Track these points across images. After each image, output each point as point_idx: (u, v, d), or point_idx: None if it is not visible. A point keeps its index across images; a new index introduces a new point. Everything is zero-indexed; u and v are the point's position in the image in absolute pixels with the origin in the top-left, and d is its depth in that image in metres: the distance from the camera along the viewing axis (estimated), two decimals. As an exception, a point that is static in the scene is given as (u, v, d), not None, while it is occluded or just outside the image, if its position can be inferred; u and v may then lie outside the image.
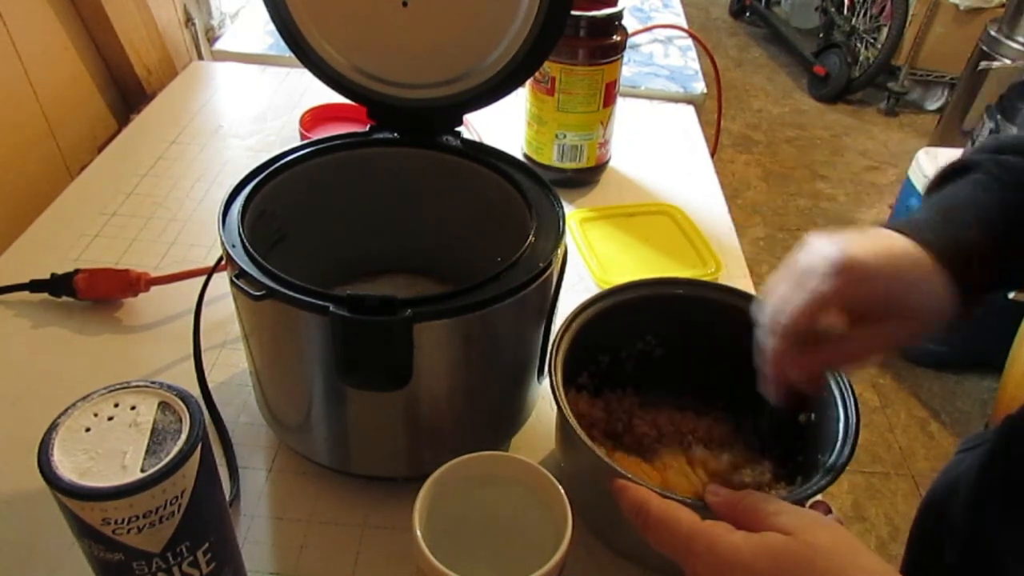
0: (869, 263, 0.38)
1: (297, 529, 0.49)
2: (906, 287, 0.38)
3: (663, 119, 1.00)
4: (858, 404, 0.46)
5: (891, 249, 0.39)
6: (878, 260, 0.38)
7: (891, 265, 0.38)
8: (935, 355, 1.81)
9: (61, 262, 0.67)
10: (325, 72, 0.54)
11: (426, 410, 0.48)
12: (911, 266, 0.38)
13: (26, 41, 0.78)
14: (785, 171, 2.63)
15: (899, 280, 0.38)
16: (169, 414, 0.34)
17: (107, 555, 0.33)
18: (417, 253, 0.62)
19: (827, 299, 0.38)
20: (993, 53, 2.02)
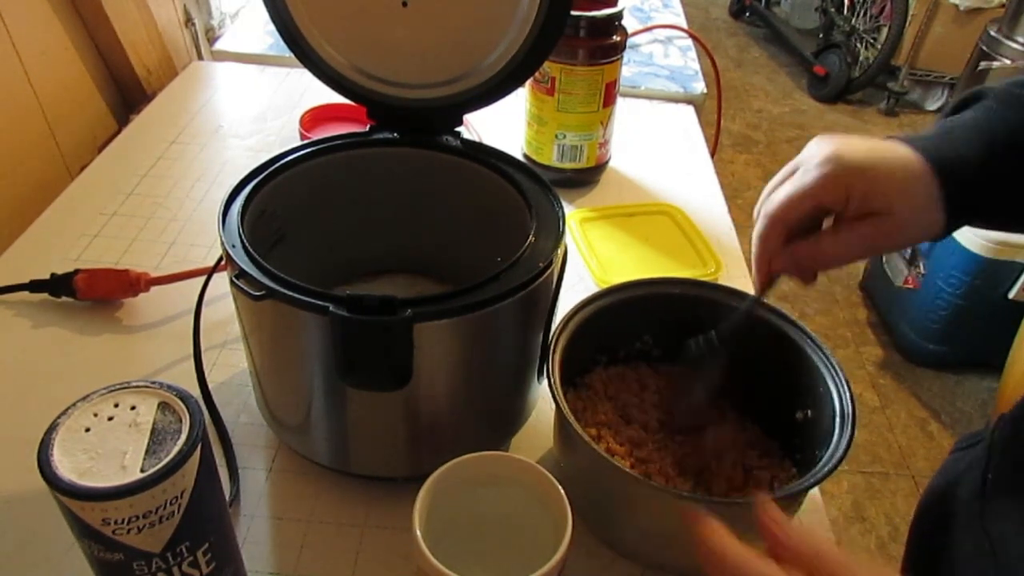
0: (855, 157, 0.39)
1: (297, 529, 0.49)
2: (889, 185, 0.39)
3: (663, 119, 1.00)
4: (853, 396, 0.47)
5: (882, 150, 0.40)
6: (865, 156, 0.40)
7: (877, 162, 0.40)
8: (935, 355, 1.81)
9: (61, 262, 0.67)
10: (325, 72, 0.54)
11: (426, 410, 0.48)
12: (899, 167, 0.40)
13: (26, 41, 0.78)
14: (785, 171, 2.63)
15: (883, 177, 0.39)
16: (169, 414, 0.34)
17: (107, 555, 0.33)
18: (417, 253, 0.62)
19: (810, 187, 0.39)
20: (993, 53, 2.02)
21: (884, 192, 0.39)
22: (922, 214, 0.40)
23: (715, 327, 0.49)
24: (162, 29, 0.99)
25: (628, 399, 0.55)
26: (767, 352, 0.52)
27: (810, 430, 0.50)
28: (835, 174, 0.39)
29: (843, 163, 0.39)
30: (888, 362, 1.86)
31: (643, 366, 0.57)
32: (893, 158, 0.40)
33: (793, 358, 0.51)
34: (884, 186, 0.39)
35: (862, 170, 0.39)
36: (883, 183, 0.39)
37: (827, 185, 0.39)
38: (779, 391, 0.52)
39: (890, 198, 0.39)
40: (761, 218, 0.42)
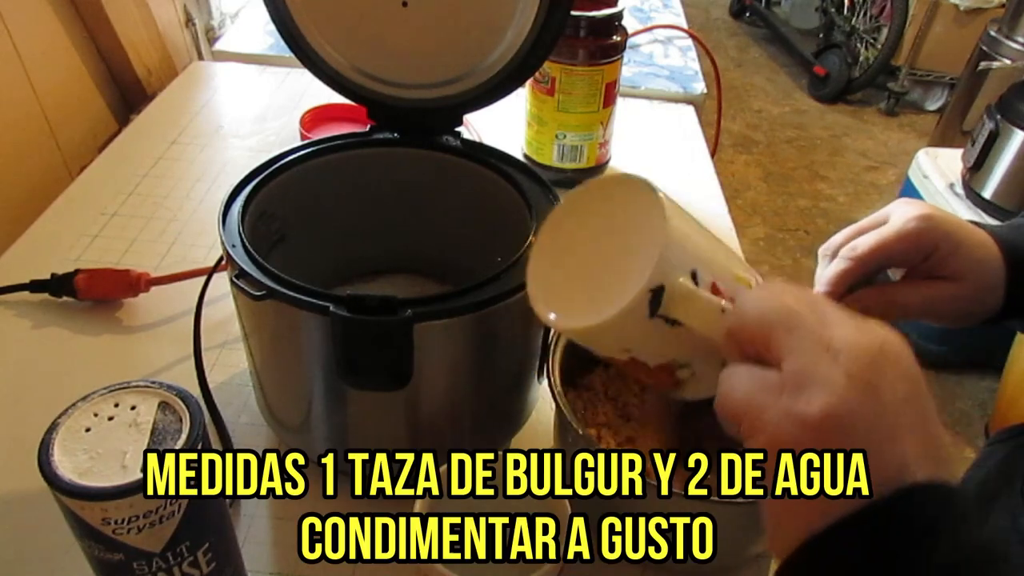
0: (947, 221, 0.42)
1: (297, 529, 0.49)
2: (970, 254, 0.41)
3: (663, 119, 1.00)
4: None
5: (963, 222, 0.43)
6: (955, 222, 0.42)
7: (964, 231, 0.42)
8: (935, 355, 1.81)
9: (61, 262, 0.67)
10: (325, 72, 0.54)
11: (426, 410, 0.48)
12: (980, 243, 0.42)
13: (26, 42, 0.78)
14: (785, 171, 2.63)
15: (966, 245, 0.41)
16: (169, 414, 0.34)
17: (107, 555, 0.33)
18: (417, 253, 0.62)
19: (904, 235, 0.41)
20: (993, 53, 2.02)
21: (964, 260, 0.42)
22: (988, 292, 0.42)
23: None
24: (162, 29, 0.99)
25: (628, 399, 0.55)
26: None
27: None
28: (929, 229, 0.41)
29: (936, 223, 0.41)
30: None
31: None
32: (975, 232, 0.42)
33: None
34: (965, 254, 0.42)
35: (951, 233, 0.41)
36: (965, 251, 0.42)
37: (918, 239, 0.41)
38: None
39: (968, 267, 0.42)
40: (841, 258, 0.42)
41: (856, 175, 2.63)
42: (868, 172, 2.65)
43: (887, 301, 0.43)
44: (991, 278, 0.42)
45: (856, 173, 2.64)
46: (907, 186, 1.82)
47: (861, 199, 2.50)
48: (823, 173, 2.63)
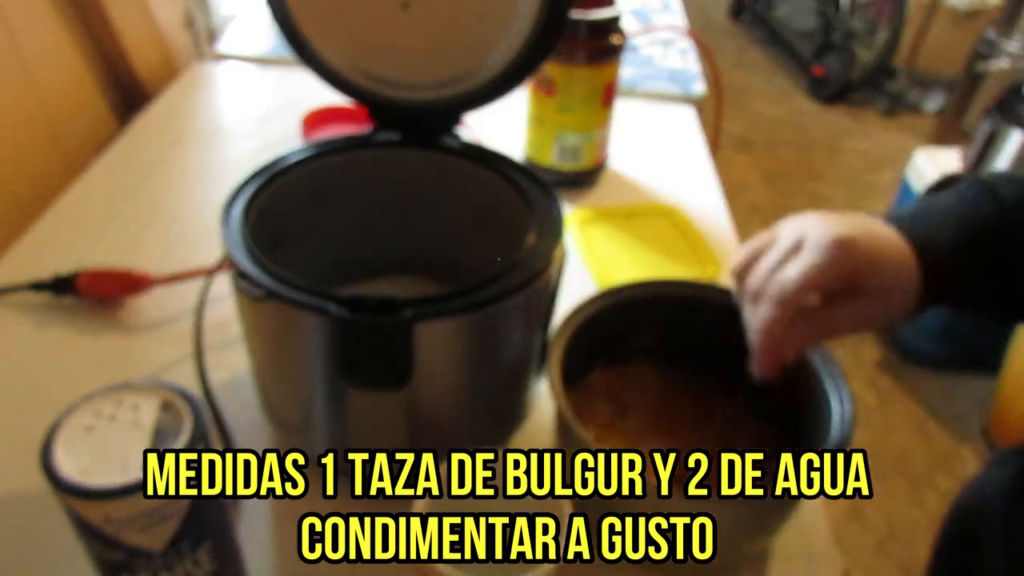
0: (865, 244, 0.41)
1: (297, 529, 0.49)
2: (885, 268, 0.41)
3: (663, 120, 1.00)
4: (852, 396, 0.47)
5: (882, 237, 0.42)
6: (872, 244, 0.41)
7: (882, 251, 0.42)
8: (934, 355, 1.81)
9: (63, 263, 0.67)
10: (326, 72, 0.54)
11: (426, 410, 0.48)
12: (891, 250, 0.42)
13: (27, 42, 0.78)
14: (784, 172, 2.64)
15: (880, 260, 0.41)
16: (171, 414, 0.34)
17: (109, 554, 0.33)
18: (417, 253, 0.62)
19: (825, 270, 0.40)
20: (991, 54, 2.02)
21: (887, 275, 0.41)
22: (907, 298, 0.42)
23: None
24: (163, 29, 0.99)
25: (628, 399, 0.55)
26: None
27: (808, 431, 0.50)
28: (847, 258, 0.40)
29: (855, 249, 0.40)
30: (887, 362, 1.86)
31: (643, 366, 0.57)
32: (892, 246, 0.42)
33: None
34: (887, 274, 0.41)
35: (871, 258, 0.41)
36: (887, 271, 0.41)
37: (841, 269, 0.40)
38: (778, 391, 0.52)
39: (891, 281, 0.42)
40: (772, 301, 0.41)
41: (854, 176, 2.64)
42: (866, 173, 2.66)
43: (822, 329, 0.43)
44: (909, 285, 0.42)
45: (854, 174, 2.65)
46: (905, 187, 1.82)
47: (859, 200, 2.51)
48: (822, 174, 2.63)
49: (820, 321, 0.42)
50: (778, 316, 0.41)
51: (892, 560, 1.43)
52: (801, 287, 0.40)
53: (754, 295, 0.43)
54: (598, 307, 0.53)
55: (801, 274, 0.40)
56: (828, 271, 0.40)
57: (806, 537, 0.52)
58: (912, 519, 1.50)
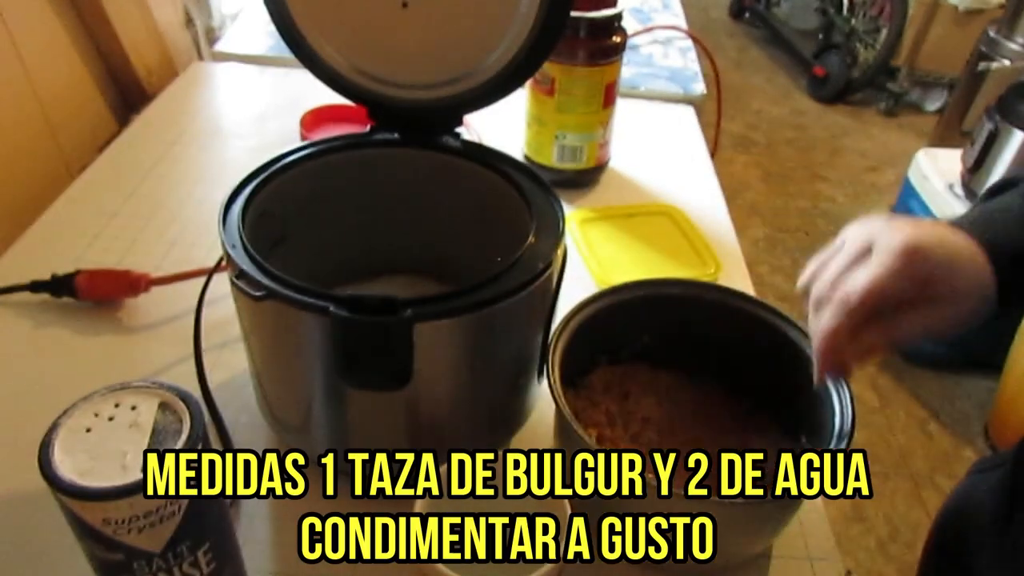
0: (932, 246, 0.40)
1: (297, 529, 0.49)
2: (957, 273, 0.40)
3: (663, 120, 1.00)
4: (853, 396, 0.47)
5: (946, 237, 0.41)
6: (937, 245, 0.40)
7: (954, 256, 0.40)
8: (934, 355, 1.81)
9: (62, 263, 0.67)
10: (325, 72, 0.54)
11: (426, 410, 0.48)
12: (965, 255, 0.40)
13: (26, 42, 0.78)
14: (784, 172, 2.63)
15: (953, 266, 0.40)
16: (170, 414, 0.34)
17: (107, 555, 0.33)
18: (417, 253, 0.62)
19: (896, 277, 0.39)
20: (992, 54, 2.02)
21: (960, 281, 0.40)
22: (984, 302, 0.41)
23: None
24: (163, 30, 0.99)
25: (628, 399, 0.55)
26: (766, 352, 0.52)
27: (809, 432, 0.50)
28: (919, 263, 0.39)
29: (926, 252, 0.39)
30: (887, 362, 1.86)
31: (643, 366, 0.57)
32: (966, 251, 0.41)
33: (792, 358, 0.51)
34: (960, 276, 0.40)
35: (943, 260, 0.40)
36: (959, 273, 0.40)
37: (911, 273, 0.39)
38: (778, 391, 0.52)
39: (964, 287, 0.40)
40: (838, 308, 0.40)
41: (855, 176, 2.64)
42: (867, 173, 2.65)
43: (891, 336, 0.41)
44: (985, 289, 0.40)
45: (855, 174, 2.65)
46: (906, 187, 1.82)
47: (860, 199, 2.50)
48: (822, 174, 2.63)
49: (888, 328, 0.41)
50: (843, 324, 0.40)
51: (893, 561, 1.43)
52: (869, 295, 0.39)
53: (818, 302, 0.41)
54: (598, 307, 0.53)
55: (869, 281, 0.39)
56: (898, 278, 0.39)
57: (807, 538, 0.52)
58: (913, 520, 1.50)
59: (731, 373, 0.55)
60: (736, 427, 0.54)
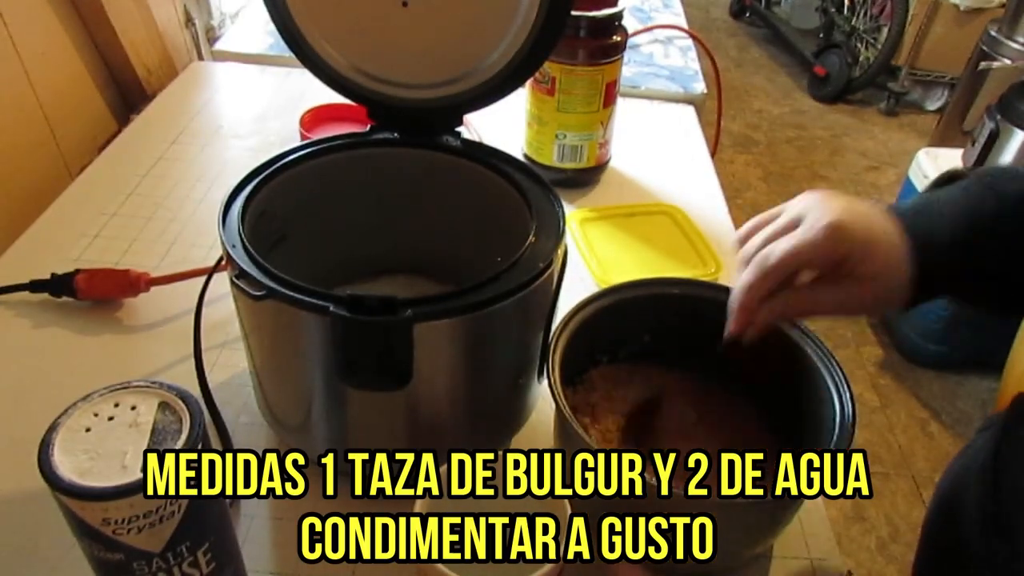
0: (858, 228, 0.43)
1: (297, 529, 0.49)
2: (876, 256, 0.43)
3: (663, 119, 1.00)
4: (854, 396, 0.47)
5: (877, 223, 0.44)
6: (865, 228, 0.43)
7: (876, 236, 0.43)
8: (935, 355, 1.81)
9: (61, 262, 0.67)
10: (325, 72, 0.54)
11: (426, 410, 0.48)
12: (886, 240, 0.43)
13: (26, 41, 0.78)
14: (785, 171, 2.63)
15: (868, 248, 0.43)
16: (169, 414, 0.34)
17: (107, 555, 0.33)
18: (417, 253, 0.62)
19: (816, 246, 0.42)
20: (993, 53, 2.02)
21: (876, 263, 0.43)
22: (898, 288, 0.44)
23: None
24: (162, 29, 0.99)
25: (628, 399, 0.55)
26: (767, 352, 0.52)
27: (810, 431, 0.50)
28: (840, 239, 0.42)
29: (848, 231, 0.42)
30: (888, 362, 1.86)
31: (643, 366, 0.57)
32: (887, 237, 0.44)
33: (793, 358, 0.51)
34: (878, 258, 0.43)
35: (863, 241, 0.43)
36: (878, 256, 0.43)
37: (831, 248, 0.42)
38: (779, 391, 0.52)
39: (879, 269, 0.43)
40: (756, 267, 0.44)
41: (856, 175, 2.63)
42: (868, 172, 2.65)
43: (803, 305, 0.45)
44: (901, 275, 0.43)
45: (856, 173, 2.64)
46: (907, 186, 1.82)
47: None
48: (823, 173, 2.63)
49: (804, 297, 0.44)
50: (757, 281, 0.43)
51: (894, 561, 1.43)
52: (786, 260, 0.42)
53: (745, 261, 0.45)
54: (598, 307, 0.53)
55: (788, 248, 0.42)
56: (816, 251, 0.42)
57: (807, 538, 0.52)
58: (914, 520, 1.50)
59: (731, 373, 0.55)
60: (736, 427, 0.54)
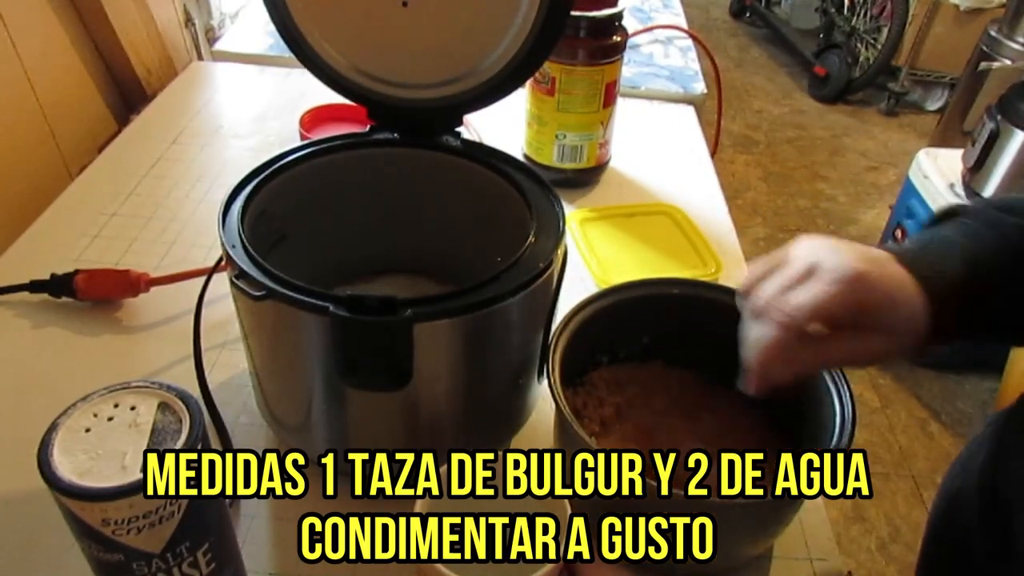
0: (877, 277, 0.40)
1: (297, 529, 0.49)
2: (899, 308, 0.40)
3: (663, 119, 1.00)
4: (854, 396, 0.47)
5: (889, 269, 0.41)
6: (881, 276, 0.40)
7: (889, 284, 0.41)
8: (935, 355, 1.81)
9: (61, 262, 0.67)
10: (325, 72, 0.54)
11: (426, 410, 0.48)
12: (905, 291, 0.41)
13: (26, 41, 0.78)
14: (785, 171, 2.63)
15: (894, 299, 0.40)
16: (169, 414, 0.34)
17: (107, 555, 0.33)
18: (417, 253, 0.62)
19: (835, 301, 0.39)
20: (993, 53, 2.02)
21: (898, 319, 0.41)
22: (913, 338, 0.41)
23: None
24: (162, 29, 0.99)
25: (628, 399, 0.55)
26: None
27: (810, 431, 0.50)
28: (865, 290, 0.39)
29: (872, 283, 0.40)
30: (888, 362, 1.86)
31: (644, 366, 0.57)
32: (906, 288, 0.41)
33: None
34: (900, 314, 0.41)
35: (887, 293, 0.40)
36: (900, 311, 0.41)
37: (856, 300, 0.39)
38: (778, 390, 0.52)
39: (900, 324, 0.41)
40: (775, 323, 0.40)
41: (856, 175, 2.63)
42: (868, 172, 2.65)
43: (823, 358, 0.43)
44: (918, 326, 0.41)
45: (856, 173, 2.64)
46: (907, 186, 1.82)
47: (861, 199, 2.50)
48: (823, 173, 2.63)
49: (821, 350, 0.41)
50: (779, 339, 0.40)
51: (894, 562, 1.43)
52: (810, 314, 0.39)
53: (758, 313, 0.42)
54: (598, 307, 0.53)
55: (811, 300, 0.39)
56: (839, 302, 0.39)
57: (807, 538, 0.52)
58: (914, 520, 1.50)
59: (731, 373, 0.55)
60: (737, 427, 0.54)
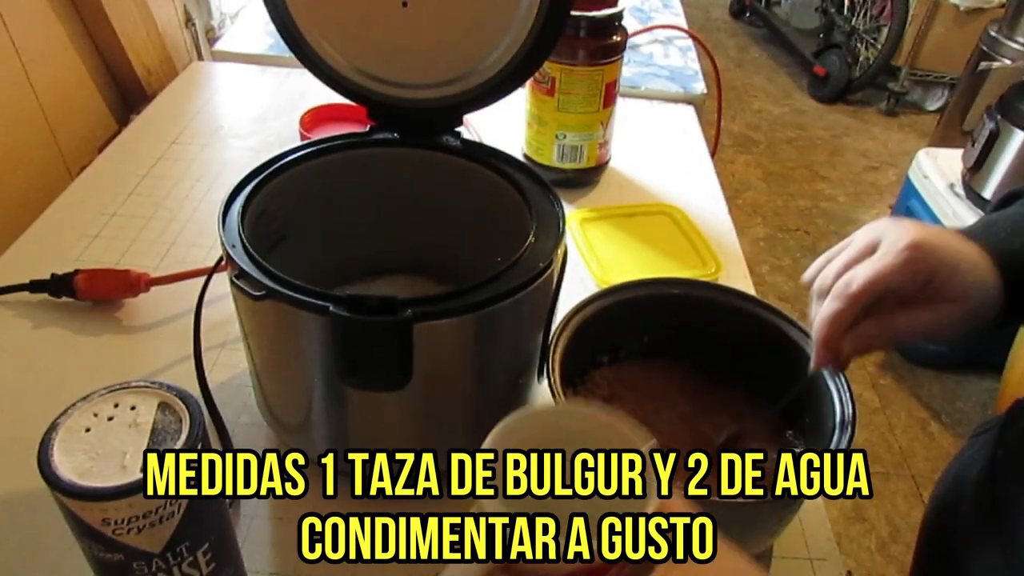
0: (936, 245, 0.41)
1: (297, 529, 0.49)
2: (960, 273, 0.41)
3: (663, 119, 1.00)
4: (854, 397, 0.47)
5: (951, 239, 0.42)
6: (941, 245, 0.41)
7: (951, 251, 0.41)
8: (935, 355, 1.81)
9: (61, 262, 0.67)
10: (325, 72, 0.54)
11: (426, 410, 0.48)
12: (970, 257, 0.41)
13: (26, 41, 0.78)
14: (785, 171, 2.63)
15: (957, 266, 0.41)
16: (169, 414, 0.34)
17: (107, 555, 0.33)
18: (417, 253, 0.62)
19: (898, 269, 0.40)
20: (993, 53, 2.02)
21: (963, 282, 0.41)
22: (988, 307, 0.41)
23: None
24: (162, 29, 0.99)
25: (628, 398, 0.55)
26: (767, 352, 0.52)
27: (810, 430, 0.50)
28: (923, 258, 0.40)
29: (930, 249, 0.40)
30: (888, 362, 1.86)
31: (644, 365, 0.57)
32: (968, 250, 0.41)
33: (793, 358, 0.51)
34: (963, 276, 0.41)
35: (947, 259, 0.41)
36: (963, 273, 0.41)
37: (916, 268, 0.40)
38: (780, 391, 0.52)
39: (966, 289, 0.41)
40: (837, 297, 0.41)
41: (856, 175, 2.63)
42: (868, 172, 2.65)
43: (889, 332, 0.42)
44: (989, 293, 0.41)
45: (856, 173, 2.64)
46: (907, 186, 1.82)
47: (861, 199, 2.50)
48: (823, 173, 2.63)
49: (890, 322, 0.42)
50: (840, 310, 0.41)
51: (894, 562, 1.43)
52: (871, 283, 0.40)
53: (821, 292, 0.42)
54: (598, 307, 0.53)
55: (871, 273, 0.40)
56: (901, 272, 0.40)
57: (807, 538, 0.52)
58: (914, 520, 1.50)
59: (732, 373, 0.55)
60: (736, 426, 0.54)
